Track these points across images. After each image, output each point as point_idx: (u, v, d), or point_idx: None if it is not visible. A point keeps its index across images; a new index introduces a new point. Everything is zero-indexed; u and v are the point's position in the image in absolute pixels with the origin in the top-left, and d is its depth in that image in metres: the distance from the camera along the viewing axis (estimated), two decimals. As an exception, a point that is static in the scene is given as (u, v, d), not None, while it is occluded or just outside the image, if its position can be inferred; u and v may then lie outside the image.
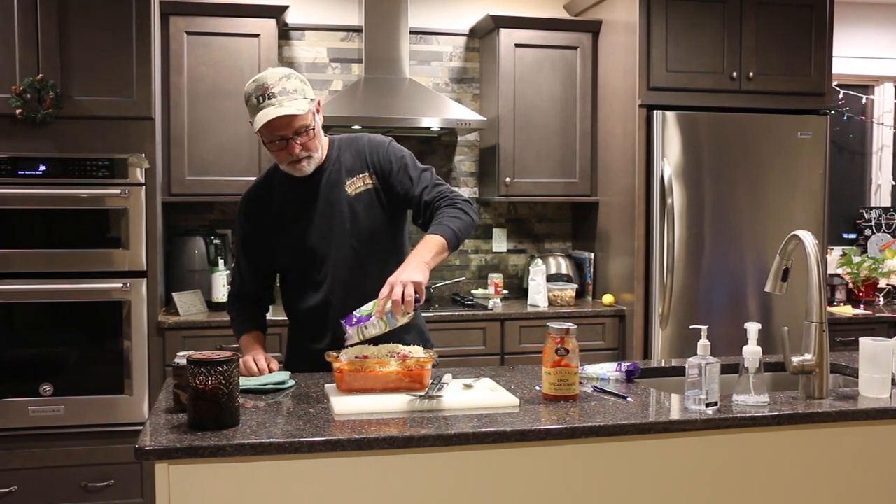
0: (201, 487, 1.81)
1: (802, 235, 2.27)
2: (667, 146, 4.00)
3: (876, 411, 2.14)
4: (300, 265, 2.53)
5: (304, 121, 2.37)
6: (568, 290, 4.32)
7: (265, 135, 2.38)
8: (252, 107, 2.37)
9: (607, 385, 2.34)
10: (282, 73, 2.38)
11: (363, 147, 2.54)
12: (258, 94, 2.34)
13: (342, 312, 2.38)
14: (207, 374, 1.85)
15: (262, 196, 2.55)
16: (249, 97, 2.37)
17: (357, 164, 2.52)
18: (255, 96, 2.35)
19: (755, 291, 4.09)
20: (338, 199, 2.50)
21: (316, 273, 2.50)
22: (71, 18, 3.55)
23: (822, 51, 4.20)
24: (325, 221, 2.49)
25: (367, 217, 2.50)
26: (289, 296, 2.61)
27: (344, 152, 2.53)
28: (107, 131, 3.61)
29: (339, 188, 2.50)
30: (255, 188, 2.60)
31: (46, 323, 3.64)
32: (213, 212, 4.36)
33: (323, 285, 2.50)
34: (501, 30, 4.29)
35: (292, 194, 2.51)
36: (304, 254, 2.50)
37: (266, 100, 2.33)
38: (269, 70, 2.41)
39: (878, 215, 5.16)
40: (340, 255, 2.49)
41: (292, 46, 4.42)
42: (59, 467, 3.62)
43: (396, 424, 1.95)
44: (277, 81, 2.35)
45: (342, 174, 2.51)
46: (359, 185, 2.51)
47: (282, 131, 2.36)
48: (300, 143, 2.38)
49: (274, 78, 2.36)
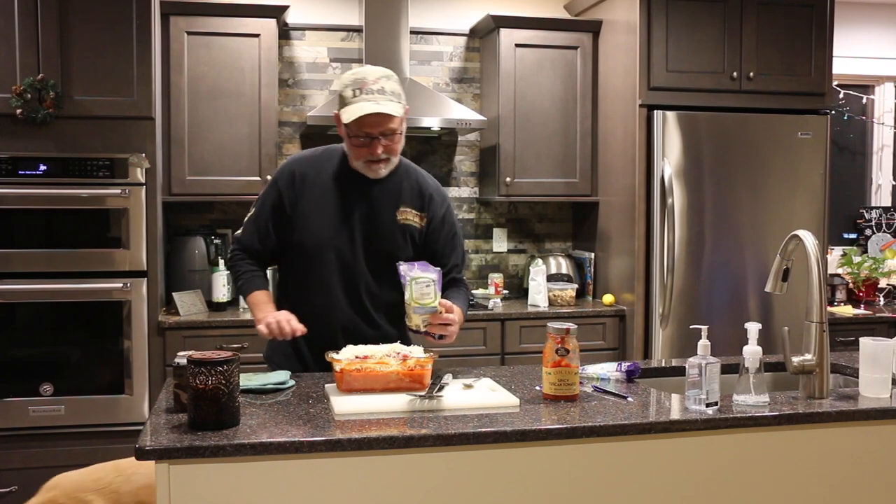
0: (201, 487, 1.81)
1: (803, 235, 2.27)
2: (667, 146, 4.00)
3: (876, 411, 2.14)
4: (316, 254, 2.49)
5: (394, 123, 2.38)
6: (568, 290, 4.32)
7: (353, 128, 2.37)
8: (345, 98, 2.36)
9: (608, 385, 2.34)
10: (382, 72, 2.39)
11: (427, 188, 2.57)
12: (355, 87, 2.35)
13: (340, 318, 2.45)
14: (208, 374, 1.85)
15: (312, 173, 2.51)
16: (345, 88, 2.37)
17: (416, 199, 2.55)
18: (351, 88, 2.35)
19: (755, 291, 4.09)
20: (384, 216, 2.50)
21: (327, 271, 2.49)
22: (71, 18, 3.55)
23: (822, 51, 4.19)
24: (363, 228, 2.49)
25: (402, 246, 2.52)
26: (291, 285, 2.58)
27: (406, 178, 2.55)
28: (107, 131, 3.62)
29: (390, 207, 2.51)
30: (309, 161, 2.54)
31: (47, 323, 3.64)
32: (213, 212, 4.36)
33: (332, 286, 2.49)
34: (502, 30, 4.29)
35: (343, 182, 2.49)
36: (327, 246, 2.48)
37: (362, 94, 2.33)
38: (368, 66, 2.43)
39: (878, 215, 5.15)
40: (359, 267, 2.50)
41: (292, 46, 4.42)
42: (59, 467, 3.56)
43: (397, 424, 1.95)
44: (377, 79, 2.36)
45: (399, 198, 2.52)
46: (409, 218, 2.53)
47: (371, 129, 2.35)
48: (384, 144, 2.38)
49: (374, 75, 2.37)
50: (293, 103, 4.44)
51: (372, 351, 2.25)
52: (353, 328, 2.51)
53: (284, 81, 4.39)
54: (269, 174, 4.00)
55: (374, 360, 2.19)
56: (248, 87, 4.00)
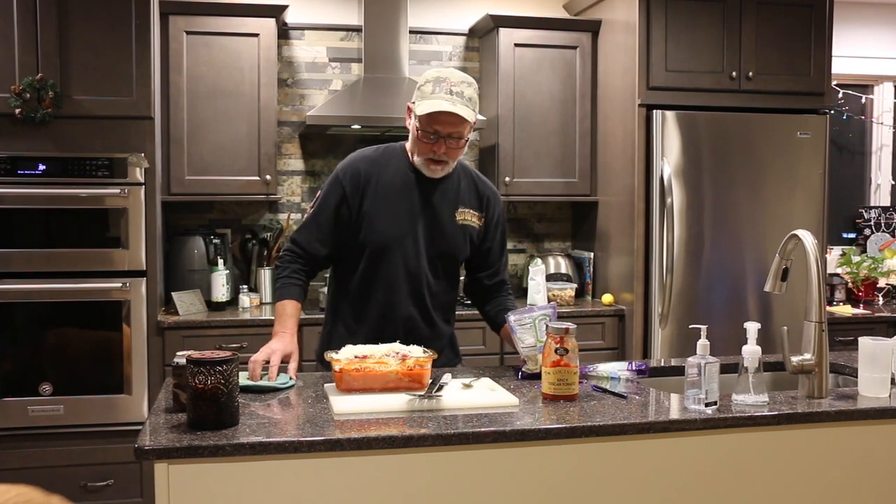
0: (201, 487, 1.81)
1: (802, 235, 2.27)
2: (666, 146, 4.00)
3: (875, 411, 2.14)
4: (382, 253, 2.49)
5: (464, 128, 2.40)
6: (567, 290, 4.32)
7: (423, 123, 2.39)
8: (423, 93, 2.38)
9: (618, 385, 2.35)
10: (465, 77, 2.42)
11: (485, 189, 2.63)
12: (437, 84, 2.37)
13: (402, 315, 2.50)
14: (207, 374, 1.85)
15: (375, 172, 2.52)
16: (426, 83, 2.39)
17: (474, 200, 2.59)
18: (432, 84, 2.38)
19: (755, 291, 4.09)
20: (444, 216, 2.54)
21: (392, 270, 2.50)
22: (70, 18, 3.55)
23: (821, 50, 4.20)
24: (425, 228, 2.51)
25: (461, 246, 2.57)
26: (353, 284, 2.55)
27: (463, 179, 2.59)
28: (106, 131, 3.61)
29: (448, 208, 2.54)
30: (371, 160, 2.55)
31: (46, 322, 3.64)
32: (212, 211, 4.36)
33: (398, 285, 2.50)
34: (501, 29, 4.29)
35: (405, 182, 2.51)
36: (392, 245, 2.49)
37: (442, 92, 2.35)
38: (453, 69, 2.46)
39: (877, 215, 5.16)
40: (421, 266, 2.52)
41: (292, 46, 4.42)
42: (58, 467, 3.62)
43: (396, 424, 1.95)
44: (459, 83, 2.39)
45: (458, 199, 2.56)
46: (468, 218, 2.57)
47: (441, 127, 2.37)
48: (448, 146, 2.41)
49: (457, 78, 2.40)
50: (292, 103, 4.43)
51: (371, 351, 2.25)
52: (413, 325, 2.53)
53: (284, 81, 4.38)
54: (268, 174, 4.01)
55: (374, 360, 2.19)
56: (248, 86, 4.00)
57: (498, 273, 2.70)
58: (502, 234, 2.69)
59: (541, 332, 2.34)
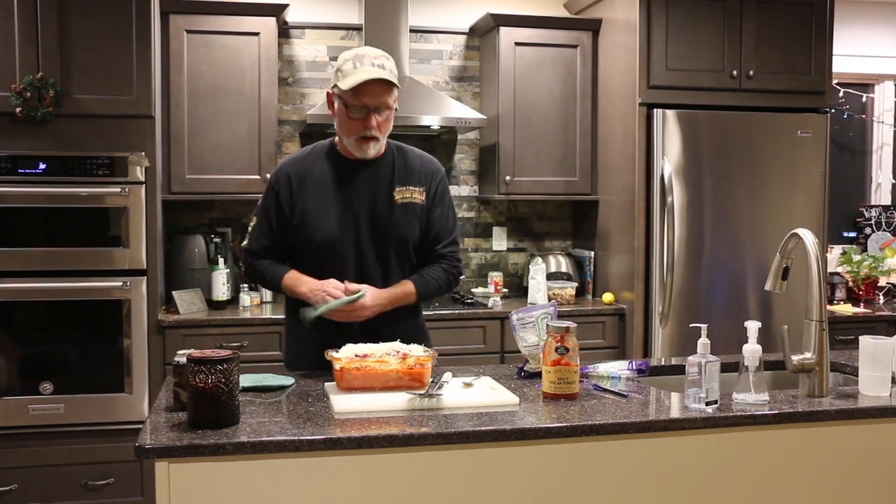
0: (201, 486, 1.81)
1: (802, 234, 2.27)
2: (667, 144, 4.00)
3: (876, 410, 2.14)
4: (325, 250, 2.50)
5: (391, 98, 2.42)
6: (568, 289, 4.32)
7: (350, 98, 2.39)
8: (345, 72, 2.39)
9: (618, 383, 2.35)
10: (382, 52, 2.45)
11: (421, 164, 2.60)
12: (357, 60, 2.39)
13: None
14: (207, 373, 1.85)
15: (305, 171, 2.53)
16: (345, 62, 2.40)
17: (412, 176, 2.56)
18: (352, 62, 2.39)
19: (755, 290, 4.09)
20: (382, 198, 2.52)
21: (340, 265, 2.50)
22: (71, 17, 3.55)
23: (822, 49, 4.19)
24: (366, 215, 2.51)
25: (407, 226, 2.53)
26: None
27: (398, 158, 2.57)
28: (107, 130, 3.61)
29: (386, 190, 2.53)
30: (299, 161, 2.57)
31: (47, 321, 3.64)
32: (213, 210, 4.36)
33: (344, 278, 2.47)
34: (501, 28, 4.29)
35: (336, 174, 2.52)
36: (335, 240, 2.49)
37: (364, 66, 2.37)
38: (369, 47, 2.48)
39: (878, 214, 5.15)
40: (369, 255, 2.51)
41: (292, 45, 4.42)
42: (59, 465, 3.62)
43: (396, 423, 1.95)
44: (378, 56, 2.42)
45: (394, 178, 2.54)
46: (408, 196, 2.54)
47: (369, 99, 2.38)
48: (378, 119, 2.41)
49: (375, 52, 2.43)
50: (293, 102, 4.44)
51: (372, 349, 2.25)
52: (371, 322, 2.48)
53: (284, 80, 4.39)
54: (268, 172, 4.00)
55: (374, 359, 2.19)
56: (248, 85, 4.00)
57: (447, 246, 2.61)
58: (449, 204, 2.63)
59: (543, 330, 2.34)
